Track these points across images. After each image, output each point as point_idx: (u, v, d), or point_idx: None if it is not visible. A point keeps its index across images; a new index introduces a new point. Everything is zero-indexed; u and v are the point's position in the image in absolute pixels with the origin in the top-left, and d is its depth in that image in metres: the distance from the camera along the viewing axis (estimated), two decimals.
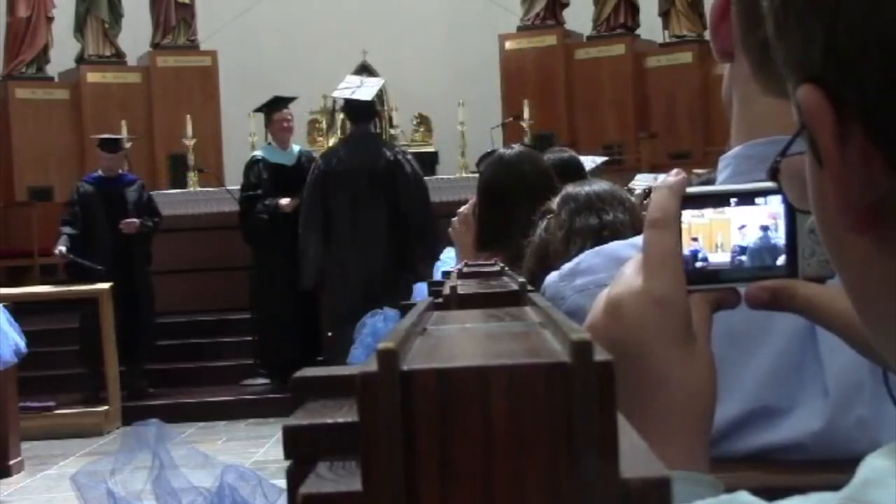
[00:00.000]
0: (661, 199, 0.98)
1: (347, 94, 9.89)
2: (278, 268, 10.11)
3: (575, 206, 2.84)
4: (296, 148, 10.79)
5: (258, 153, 10.71)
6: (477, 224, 4.01)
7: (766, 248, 0.98)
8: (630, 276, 0.97)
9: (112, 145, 10.98)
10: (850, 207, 0.63)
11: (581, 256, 1.56)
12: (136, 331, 10.26)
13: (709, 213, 0.98)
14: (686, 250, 0.98)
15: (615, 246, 1.54)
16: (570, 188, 2.93)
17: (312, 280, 9.59)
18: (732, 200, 0.98)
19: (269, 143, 10.78)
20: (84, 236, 10.30)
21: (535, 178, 3.89)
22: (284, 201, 10.09)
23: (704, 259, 0.99)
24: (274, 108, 10.74)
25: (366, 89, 9.93)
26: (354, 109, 9.85)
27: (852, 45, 0.60)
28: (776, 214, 0.97)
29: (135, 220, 10.41)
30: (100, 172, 10.72)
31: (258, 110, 11.11)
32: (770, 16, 0.67)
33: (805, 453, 1.28)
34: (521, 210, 3.31)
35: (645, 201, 5.06)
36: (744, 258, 0.98)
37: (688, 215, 0.98)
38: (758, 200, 0.98)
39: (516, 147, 4.29)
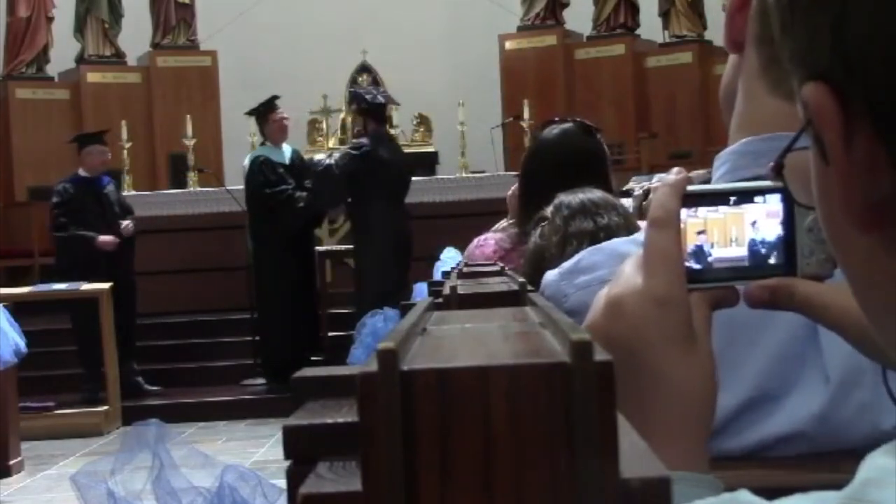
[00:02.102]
0: (661, 197, 0.98)
1: (381, 98, 10.53)
2: (280, 267, 10.13)
3: (569, 212, 2.84)
4: (287, 147, 10.83)
5: (259, 152, 10.72)
6: (519, 203, 3.84)
7: (765, 247, 0.98)
8: (630, 275, 0.97)
9: (101, 138, 10.96)
10: (854, 205, 0.63)
11: (580, 254, 1.55)
12: (128, 329, 10.27)
13: (707, 211, 0.98)
14: (688, 247, 0.98)
15: (615, 243, 1.54)
16: (563, 196, 2.92)
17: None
18: (732, 199, 0.98)
19: (264, 143, 10.79)
20: (81, 239, 10.26)
21: (575, 160, 3.66)
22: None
23: (705, 256, 0.98)
24: (270, 107, 10.76)
25: (383, 95, 10.76)
26: (380, 111, 10.37)
27: (859, 42, 0.60)
28: (775, 213, 0.97)
29: (129, 222, 10.42)
30: (82, 173, 10.65)
31: (252, 112, 11.05)
32: (776, 13, 0.66)
33: (805, 441, 1.28)
34: (548, 197, 3.13)
35: (645, 202, 5.06)
36: (743, 256, 0.98)
37: (687, 213, 0.98)
38: (757, 199, 0.98)
39: (560, 126, 3.91)
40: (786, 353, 1.30)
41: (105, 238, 10.28)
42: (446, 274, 2.63)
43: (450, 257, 6.38)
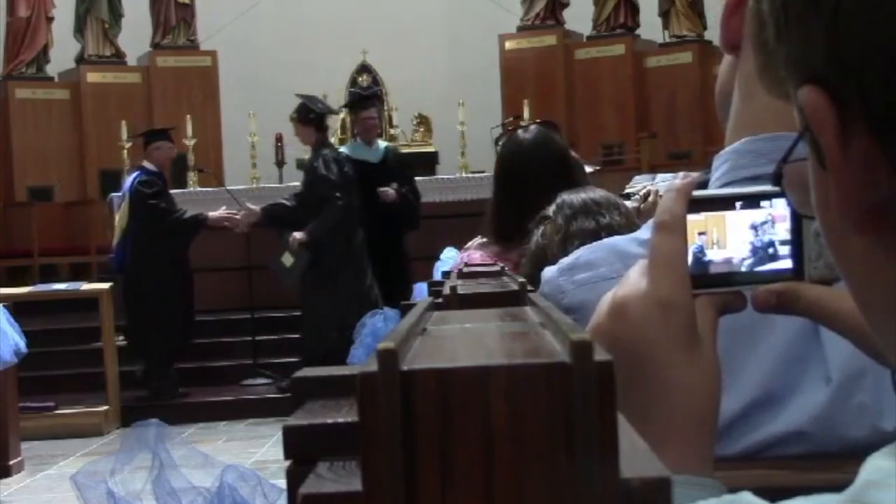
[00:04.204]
0: (668, 201, 0.98)
1: (321, 107, 10.35)
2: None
3: (571, 212, 2.84)
4: (382, 144, 10.55)
5: (345, 149, 10.63)
6: (494, 213, 3.85)
7: (771, 251, 0.98)
8: (635, 279, 0.97)
9: (168, 134, 10.90)
10: (852, 209, 0.63)
11: (579, 251, 1.55)
12: (186, 328, 10.35)
13: (712, 213, 0.98)
14: (692, 249, 0.98)
15: (615, 240, 1.54)
16: (566, 195, 2.92)
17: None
18: (738, 204, 0.98)
19: (355, 141, 10.67)
20: (194, 222, 10.22)
21: (549, 162, 3.69)
22: (391, 192, 9.97)
23: (710, 260, 0.98)
24: (361, 104, 10.72)
25: (323, 105, 10.52)
26: (324, 120, 10.29)
27: (854, 45, 0.60)
28: (782, 217, 0.97)
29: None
30: (148, 167, 10.53)
31: (345, 106, 10.92)
32: (771, 19, 0.66)
33: (806, 441, 1.28)
34: (536, 200, 3.07)
35: (642, 205, 5.05)
36: (749, 261, 0.98)
37: (692, 217, 0.98)
38: (763, 203, 0.97)
39: (533, 128, 3.95)
40: (788, 355, 1.30)
41: (215, 214, 10.20)
42: (446, 274, 2.63)
43: (450, 257, 6.36)
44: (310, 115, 10.16)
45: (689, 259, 0.98)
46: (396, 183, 10.01)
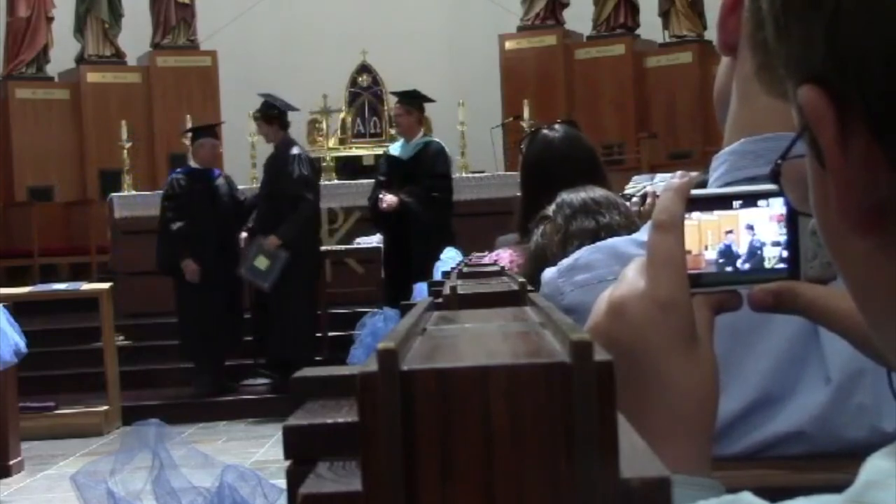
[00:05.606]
0: (666, 201, 0.98)
1: (282, 106, 10.40)
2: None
3: (571, 211, 2.84)
4: (420, 141, 10.30)
5: (391, 145, 10.60)
6: (521, 210, 3.82)
7: (767, 251, 0.98)
8: (633, 278, 0.97)
9: (214, 131, 10.85)
10: (852, 209, 0.63)
11: (579, 252, 1.55)
12: (235, 323, 10.29)
13: (715, 213, 0.98)
14: (718, 248, 0.98)
15: (614, 241, 1.54)
16: (566, 195, 2.92)
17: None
18: (736, 203, 0.98)
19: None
20: (188, 231, 10.14)
21: (580, 161, 3.71)
22: (389, 198, 9.79)
23: (734, 256, 0.98)
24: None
25: (282, 103, 10.50)
26: (286, 117, 10.36)
27: (853, 44, 0.60)
28: (778, 216, 0.97)
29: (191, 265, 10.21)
30: (193, 164, 10.50)
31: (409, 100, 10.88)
32: (770, 18, 0.66)
33: (805, 442, 1.28)
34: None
35: (641, 208, 5.05)
36: (745, 260, 0.98)
37: (705, 217, 0.98)
38: (760, 202, 0.97)
39: (559, 127, 3.96)
40: (787, 356, 1.30)
41: (191, 267, 10.04)
42: (446, 274, 2.63)
43: (450, 257, 6.38)
44: (273, 113, 10.14)
45: (715, 258, 0.98)
46: (428, 181, 9.86)
